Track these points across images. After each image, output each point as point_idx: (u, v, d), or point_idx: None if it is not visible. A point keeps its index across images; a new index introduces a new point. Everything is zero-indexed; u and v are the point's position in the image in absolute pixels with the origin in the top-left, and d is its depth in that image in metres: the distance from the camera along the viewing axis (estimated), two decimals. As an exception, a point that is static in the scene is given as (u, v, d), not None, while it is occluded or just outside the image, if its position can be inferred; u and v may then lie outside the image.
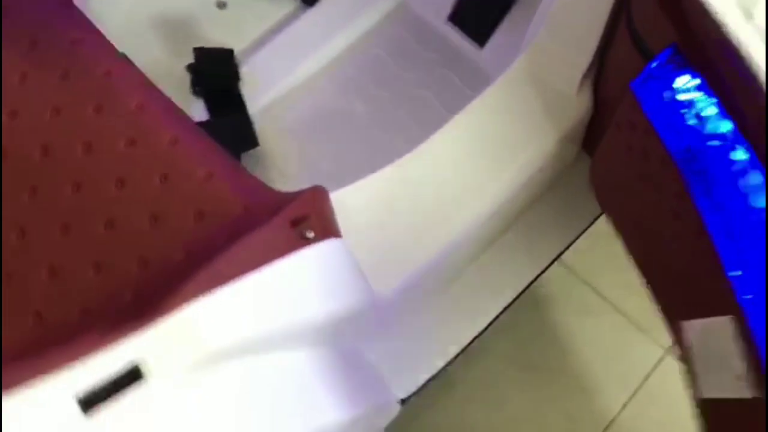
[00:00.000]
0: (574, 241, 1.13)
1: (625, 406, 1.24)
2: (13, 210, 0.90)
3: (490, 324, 1.09)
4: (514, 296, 1.10)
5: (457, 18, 1.28)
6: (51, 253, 0.88)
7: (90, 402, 0.64)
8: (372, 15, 1.31)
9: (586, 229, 1.13)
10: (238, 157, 1.17)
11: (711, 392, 0.83)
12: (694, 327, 0.84)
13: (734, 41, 0.67)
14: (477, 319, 1.09)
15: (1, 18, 0.98)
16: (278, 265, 0.78)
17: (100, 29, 1.00)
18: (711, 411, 0.85)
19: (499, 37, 1.25)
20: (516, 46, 1.06)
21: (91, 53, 0.96)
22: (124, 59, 0.98)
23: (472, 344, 1.07)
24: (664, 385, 1.25)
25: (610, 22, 0.93)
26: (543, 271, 1.11)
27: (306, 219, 0.84)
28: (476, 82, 1.24)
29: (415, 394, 1.03)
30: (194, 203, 0.87)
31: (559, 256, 1.12)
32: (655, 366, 1.26)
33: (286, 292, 0.78)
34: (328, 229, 0.86)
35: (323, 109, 1.25)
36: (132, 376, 0.66)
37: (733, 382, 0.78)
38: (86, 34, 0.98)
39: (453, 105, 1.08)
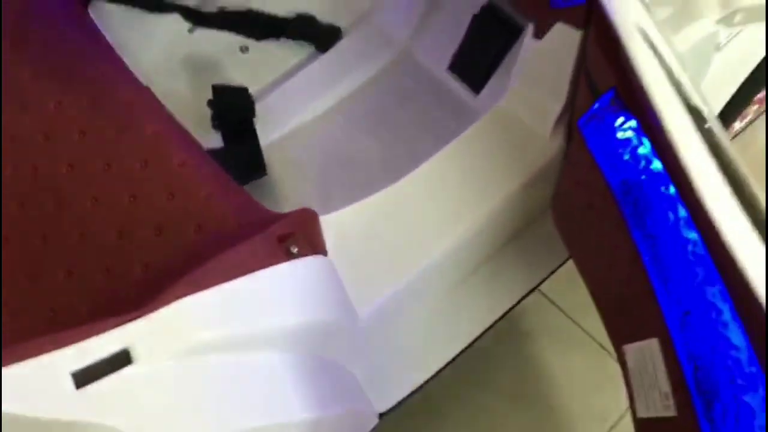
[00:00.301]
0: (551, 274, 1.20)
1: (605, 435, 1.30)
2: (38, 218, 1.03)
3: (470, 345, 1.17)
4: (493, 321, 1.18)
5: (456, 67, 1.39)
6: (68, 257, 1.00)
7: (83, 378, 0.75)
8: (378, 62, 1.43)
9: (562, 264, 1.21)
10: (247, 183, 1.29)
11: (644, 411, 0.90)
12: (631, 350, 0.91)
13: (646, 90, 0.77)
14: (457, 339, 1.17)
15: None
16: (260, 274, 0.89)
17: (137, 67, 1.15)
18: (643, 429, 0.91)
19: (493, 85, 1.35)
20: (507, 94, 1.17)
21: (115, 82, 1.10)
22: (147, 91, 1.12)
23: (461, 375, 1.15)
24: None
25: (576, 72, 1.03)
26: (519, 302, 1.19)
27: (292, 236, 0.95)
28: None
29: (393, 409, 1.11)
30: (195, 218, 0.99)
31: (536, 287, 1.20)
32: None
33: (264, 298, 0.88)
34: (313, 246, 0.96)
35: (328, 145, 1.36)
36: (122, 360, 0.77)
37: (661, 400, 0.85)
38: (112, 64, 1.12)
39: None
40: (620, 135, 0.86)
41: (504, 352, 1.34)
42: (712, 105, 0.85)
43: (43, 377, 0.74)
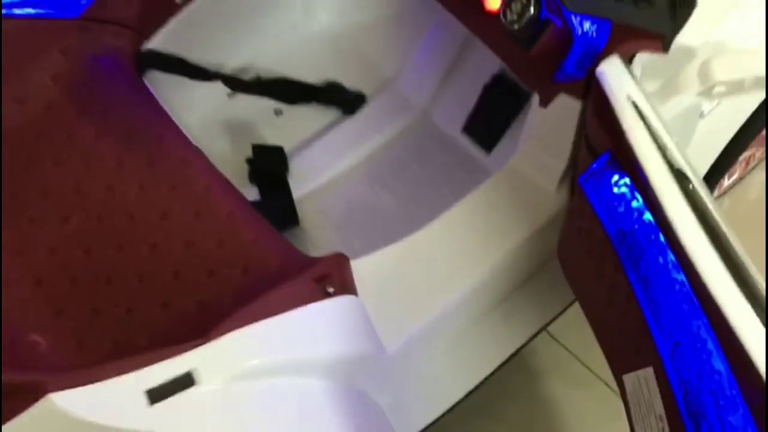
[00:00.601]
0: (559, 315, 1.32)
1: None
2: (102, 262, 1.16)
3: (486, 378, 1.28)
4: (507, 357, 1.30)
5: (469, 129, 1.54)
6: (129, 296, 1.13)
7: (155, 395, 0.87)
8: (399, 124, 1.58)
9: (568, 306, 1.33)
10: (282, 231, 1.42)
11: (642, 426, 1.00)
12: (630, 378, 1.02)
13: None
14: (475, 372, 1.29)
15: None
16: (301, 311, 1.02)
17: (181, 127, 1.29)
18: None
19: (502, 145, 1.50)
20: (516, 153, 1.31)
21: (168, 142, 1.25)
22: (197, 150, 1.26)
23: (475, 406, 1.25)
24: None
25: (578, 136, 1.16)
26: (531, 339, 1.31)
27: (328, 277, 1.08)
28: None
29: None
30: (242, 262, 1.12)
31: (544, 328, 1.32)
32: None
33: (304, 332, 1.01)
34: (345, 287, 1.09)
35: (354, 199, 1.50)
36: (187, 381, 0.89)
37: (656, 423, 0.96)
38: (165, 126, 1.27)
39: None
40: (616, 190, 0.99)
41: (514, 387, 1.44)
42: (699, 166, 0.98)
43: (121, 394, 0.86)
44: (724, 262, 0.84)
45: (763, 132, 1.53)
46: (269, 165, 1.48)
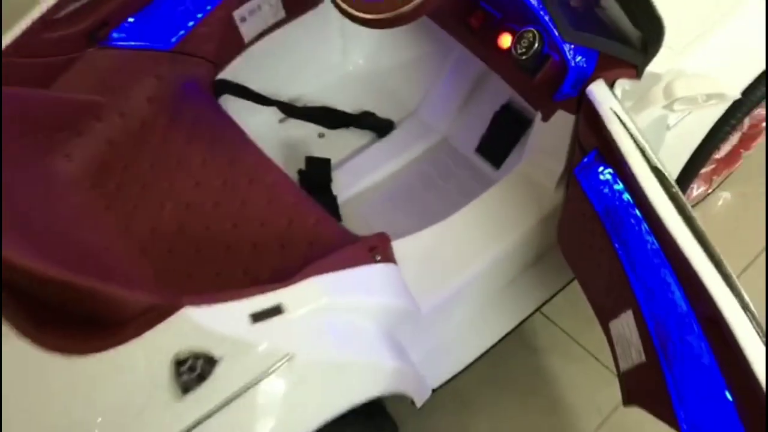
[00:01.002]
0: (559, 291, 1.60)
1: (599, 426, 1.65)
2: (193, 237, 1.44)
3: (499, 341, 1.55)
4: (518, 322, 1.58)
5: (481, 150, 1.84)
6: (216, 263, 1.41)
7: (256, 318, 1.13)
8: (422, 145, 1.88)
9: (567, 285, 1.61)
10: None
11: (625, 365, 1.27)
12: (615, 324, 1.30)
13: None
14: (491, 334, 1.56)
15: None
16: (358, 269, 1.29)
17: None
18: (626, 378, 1.28)
19: (509, 162, 1.80)
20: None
21: (243, 148, 1.54)
22: (265, 155, 1.55)
23: (483, 376, 1.52)
24: (630, 415, 1.65)
25: (572, 143, 1.46)
26: (537, 309, 1.59)
27: (376, 249, 1.36)
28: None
29: (442, 386, 1.48)
30: (307, 237, 1.40)
31: (546, 302, 1.60)
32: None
33: (361, 284, 1.28)
34: (389, 258, 1.37)
35: (384, 202, 1.78)
36: (277, 310, 1.16)
37: (635, 353, 1.23)
38: (239, 136, 1.57)
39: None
40: (602, 177, 1.28)
41: (519, 362, 1.71)
42: (670, 171, 1.28)
43: (232, 314, 1.12)
44: (687, 225, 1.13)
45: (727, 154, 1.85)
46: (318, 173, 1.77)
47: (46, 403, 1.08)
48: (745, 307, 1.04)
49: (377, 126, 1.91)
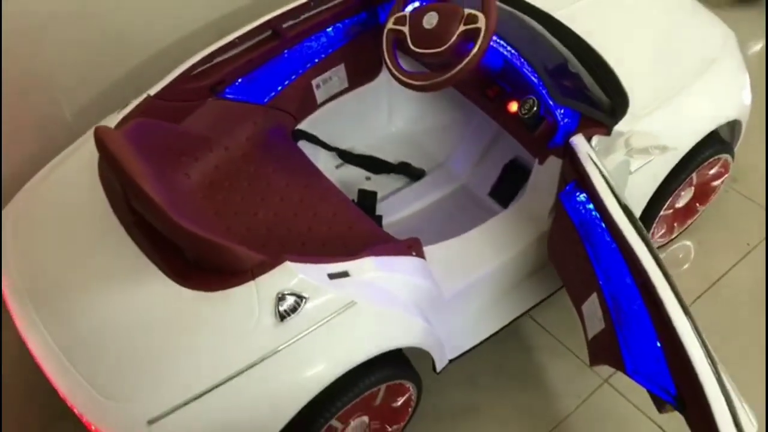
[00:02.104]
0: (552, 294, 2.05)
1: (577, 407, 2.06)
2: (278, 235, 1.92)
3: (505, 326, 2.00)
4: (518, 315, 2.02)
5: (493, 194, 2.33)
6: (301, 244, 1.88)
7: (331, 276, 1.60)
8: (447, 189, 2.37)
9: (557, 290, 2.06)
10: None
11: (591, 333, 1.72)
12: (585, 305, 1.75)
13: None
14: (498, 321, 2.00)
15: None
16: (399, 257, 1.77)
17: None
18: (591, 344, 1.72)
19: (514, 203, 2.28)
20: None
21: (316, 176, 2.05)
22: (331, 183, 2.05)
23: (482, 364, 1.97)
24: (602, 399, 2.07)
25: (561, 180, 1.95)
26: (534, 306, 2.04)
27: (412, 247, 1.83)
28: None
29: (457, 358, 1.92)
30: (364, 238, 1.88)
31: (539, 303, 2.05)
32: (597, 388, 2.09)
33: (401, 266, 1.75)
34: (420, 255, 1.84)
35: (418, 229, 2.26)
36: (345, 274, 1.63)
37: (597, 323, 1.68)
38: (312, 169, 2.07)
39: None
40: (578, 199, 1.76)
41: (509, 356, 2.15)
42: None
43: (316, 271, 1.59)
44: (633, 225, 1.60)
45: (685, 206, 2.32)
46: (368, 202, 2.27)
47: (185, 325, 1.54)
48: (666, 275, 1.51)
49: (412, 173, 2.42)
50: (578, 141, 1.82)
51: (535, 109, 1.93)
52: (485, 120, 2.27)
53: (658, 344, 1.54)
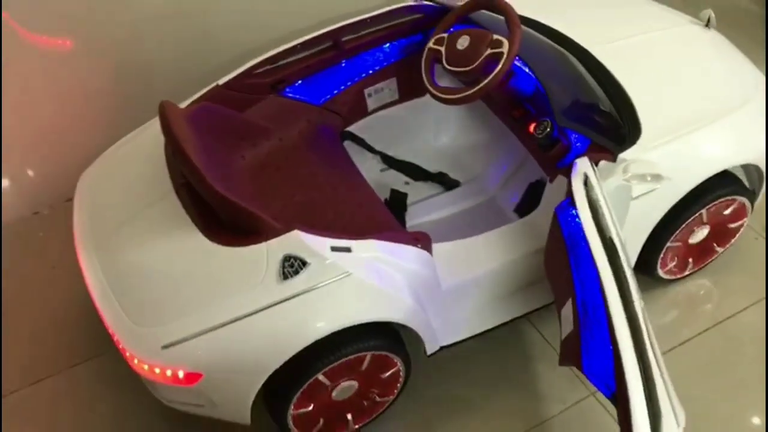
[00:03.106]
0: (543, 307, 2.19)
1: (560, 413, 2.16)
2: (313, 214, 2.17)
3: (498, 326, 2.15)
4: (510, 319, 2.17)
5: (518, 209, 2.49)
6: (325, 227, 2.11)
7: (334, 249, 1.82)
8: (475, 200, 2.55)
9: (548, 305, 2.19)
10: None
11: (563, 335, 1.84)
12: (563, 310, 1.88)
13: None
14: (489, 321, 2.15)
15: None
16: (403, 246, 1.96)
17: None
18: (562, 345, 1.85)
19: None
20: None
21: (351, 171, 2.29)
22: (365, 179, 2.29)
23: (478, 359, 2.13)
24: (584, 409, 2.17)
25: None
26: (524, 315, 2.18)
27: (418, 240, 2.03)
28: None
29: (448, 347, 2.09)
30: (379, 225, 2.10)
31: (533, 312, 2.18)
32: (583, 399, 2.19)
33: (401, 253, 1.94)
34: (426, 248, 2.03)
35: (440, 233, 2.43)
36: (348, 249, 1.86)
37: (568, 325, 1.81)
38: (352, 167, 2.31)
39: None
40: (571, 213, 1.91)
41: (509, 361, 2.28)
42: (636, 237, 1.92)
43: (319, 243, 1.82)
44: (602, 242, 1.74)
45: (701, 245, 2.39)
46: (397, 202, 2.49)
47: (206, 272, 1.81)
48: (623, 296, 1.65)
49: (447, 183, 2.61)
50: (579, 162, 1.96)
51: (548, 130, 2.09)
52: (518, 141, 2.44)
53: (610, 347, 1.66)
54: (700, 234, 2.33)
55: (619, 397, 1.59)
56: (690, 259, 2.42)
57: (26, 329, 2.46)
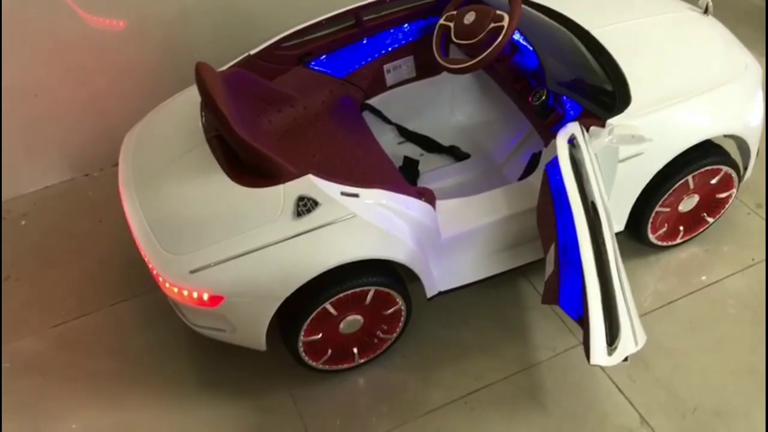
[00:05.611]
0: (534, 262, 2.36)
1: (548, 359, 2.32)
2: (330, 171, 2.38)
3: (495, 276, 2.32)
4: (506, 269, 2.34)
5: (522, 179, 2.66)
6: (345, 171, 2.32)
7: (344, 194, 2.03)
8: (483, 170, 2.72)
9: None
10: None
11: (546, 276, 2.01)
12: (547, 256, 2.04)
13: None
14: (484, 271, 2.33)
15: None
16: (408, 197, 2.16)
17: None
18: (545, 286, 2.01)
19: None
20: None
21: (369, 137, 2.50)
22: (378, 144, 2.49)
23: (474, 308, 2.32)
24: (572, 359, 2.32)
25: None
26: (522, 266, 2.35)
27: (423, 194, 2.22)
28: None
29: (444, 293, 2.27)
30: (388, 180, 2.30)
31: (525, 265, 2.35)
32: (572, 348, 2.34)
33: (404, 203, 2.13)
34: (429, 202, 2.22)
35: (450, 197, 2.63)
36: (356, 195, 2.06)
37: (550, 266, 1.98)
38: (368, 133, 2.53)
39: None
40: (559, 170, 2.08)
41: (505, 311, 2.45)
42: (625, 199, 2.10)
43: (328, 188, 2.02)
44: (580, 194, 1.91)
45: (691, 213, 2.53)
46: (410, 168, 2.69)
47: (230, 210, 2.03)
48: (591, 227, 1.82)
49: (459, 155, 2.80)
50: (570, 125, 2.14)
51: (543, 98, 2.27)
52: (526, 119, 2.62)
53: (579, 282, 1.83)
54: (690, 202, 2.47)
55: (584, 319, 1.76)
56: (681, 227, 2.56)
57: (74, 273, 2.72)
